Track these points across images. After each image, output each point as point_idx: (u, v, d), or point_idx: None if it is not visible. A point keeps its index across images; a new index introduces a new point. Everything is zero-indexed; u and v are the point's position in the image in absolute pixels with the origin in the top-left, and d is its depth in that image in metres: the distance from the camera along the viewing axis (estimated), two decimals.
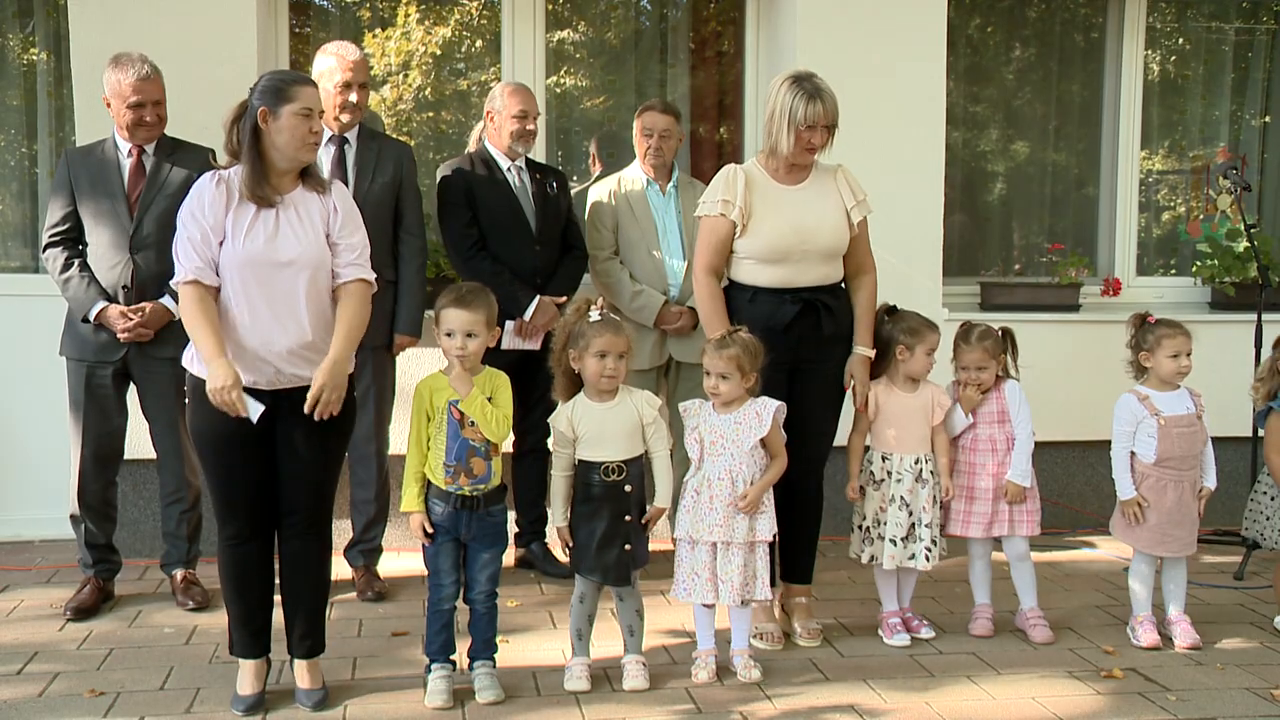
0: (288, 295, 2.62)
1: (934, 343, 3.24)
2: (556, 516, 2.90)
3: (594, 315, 2.81)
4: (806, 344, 3.19)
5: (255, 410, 2.59)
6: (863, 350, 3.23)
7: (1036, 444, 3.34)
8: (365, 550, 3.74)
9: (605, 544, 2.83)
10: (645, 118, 3.86)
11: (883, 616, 3.33)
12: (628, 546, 2.85)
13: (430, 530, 2.74)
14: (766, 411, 2.98)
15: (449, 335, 2.72)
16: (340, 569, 3.60)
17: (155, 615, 3.44)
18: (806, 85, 3.03)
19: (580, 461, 2.88)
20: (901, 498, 3.24)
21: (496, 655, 2.91)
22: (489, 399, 2.76)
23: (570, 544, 2.90)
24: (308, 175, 2.69)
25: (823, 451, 3.31)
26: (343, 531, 3.88)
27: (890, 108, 4.30)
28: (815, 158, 3.19)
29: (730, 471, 2.92)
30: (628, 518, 2.84)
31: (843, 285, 3.30)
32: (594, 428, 2.86)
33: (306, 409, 2.61)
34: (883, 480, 3.26)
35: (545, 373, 3.69)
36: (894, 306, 3.28)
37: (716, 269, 3.18)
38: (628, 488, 2.85)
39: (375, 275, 2.76)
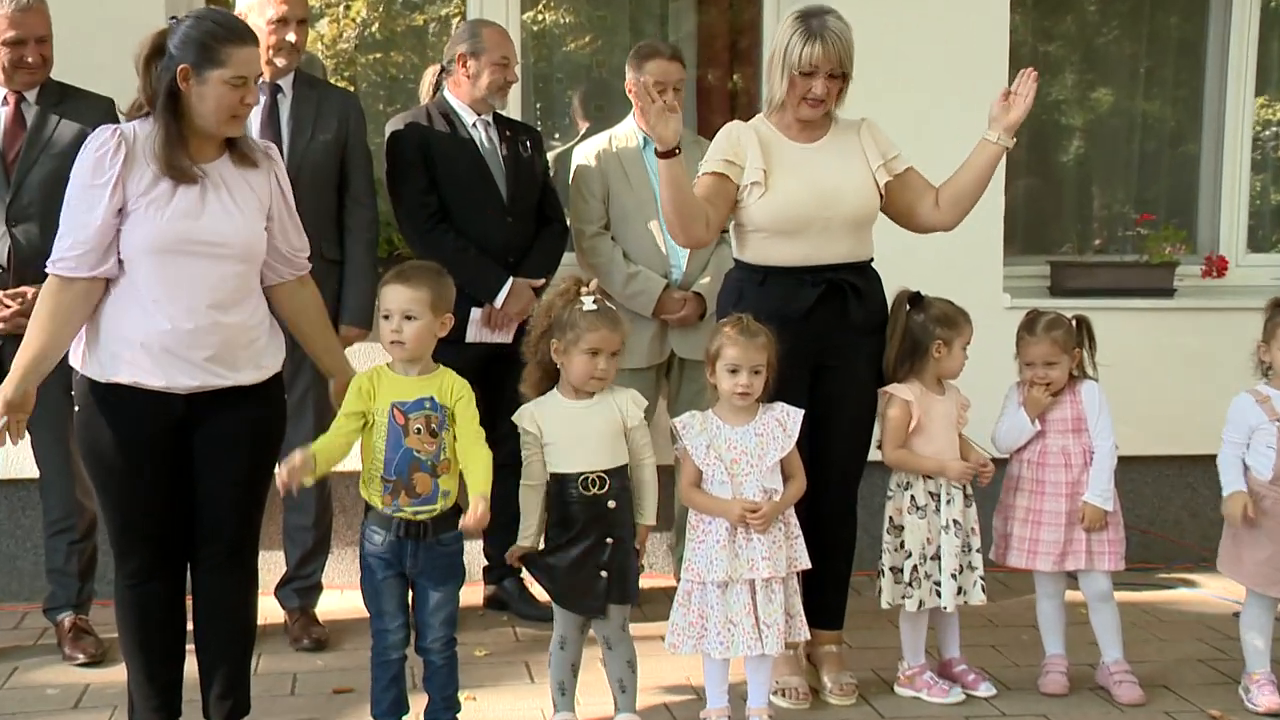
0: (213, 287, 2.61)
1: (969, 336, 3.27)
2: (525, 533, 2.91)
3: (588, 303, 2.82)
4: (832, 335, 3.19)
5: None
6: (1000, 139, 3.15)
7: (1121, 458, 3.35)
8: (301, 589, 3.74)
9: (577, 567, 2.85)
10: (653, 66, 3.85)
11: (912, 673, 3.33)
12: (604, 573, 2.85)
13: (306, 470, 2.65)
14: (792, 422, 3.00)
15: (385, 317, 2.75)
16: (270, 611, 3.63)
17: (36, 673, 3.42)
18: (811, 22, 3.04)
19: (553, 475, 2.88)
20: (955, 521, 3.25)
21: (460, 715, 2.91)
22: (439, 409, 2.76)
23: (535, 568, 2.91)
24: (236, 145, 2.69)
25: (855, 468, 3.32)
26: (273, 566, 3.90)
27: (940, 49, 4.29)
28: (835, 112, 3.21)
29: (767, 492, 2.96)
30: (610, 540, 2.84)
31: (873, 264, 3.31)
32: (566, 430, 2.86)
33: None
34: (926, 505, 3.27)
35: (520, 371, 3.71)
36: (918, 293, 3.27)
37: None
38: (612, 503, 2.85)
39: (317, 261, 2.84)
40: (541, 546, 2.92)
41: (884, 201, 3.26)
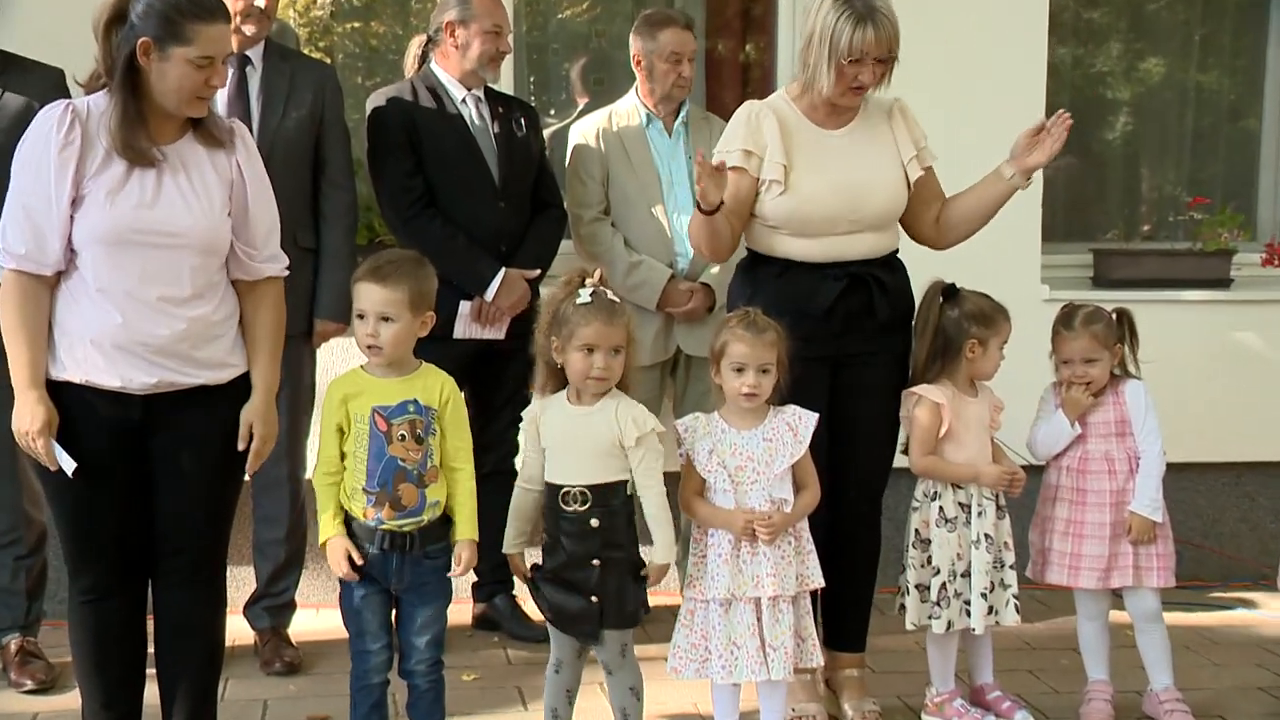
0: (170, 279, 2.61)
1: (1008, 334, 3.26)
2: (507, 538, 2.92)
3: (583, 295, 2.83)
4: (854, 332, 3.20)
5: (67, 465, 2.61)
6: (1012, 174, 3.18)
7: (1170, 465, 3.34)
8: (273, 607, 3.74)
9: (566, 589, 2.86)
10: (668, 37, 3.86)
11: (941, 699, 3.32)
12: (593, 598, 2.84)
13: (360, 561, 2.74)
14: (804, 426, 2.99)
15: (360, 318, 2.75)
16: (239, 632, 3.63)
17: None
18: (857, 3, 3.01)
19: (546, 484, 2.90)
20: (986, 535, 3.24)
21: None
22: (424, 412, 2.75)
23: (529, 577, 2.92)
24: (202, 123, 2.67)
25: (878, 476, 3.32)
26: (243, 582, 3.90)
27: (973, 18, 4.28)
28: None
29: (775, 502, 2.96)
30: (596, 562, 2.84)
31: (898, 256, 3.31)
32: (561, 437, 2.87)
33: (249, 471, 2.71)
34: (956, 517, 3.26)
35: (513, 370, 3.71)
36: (953, 285, 3.26)
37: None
38: (594, 522, 2.83)
39: (291, 249, 2.82)
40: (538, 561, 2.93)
41: None
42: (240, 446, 2.71)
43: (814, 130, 3.18)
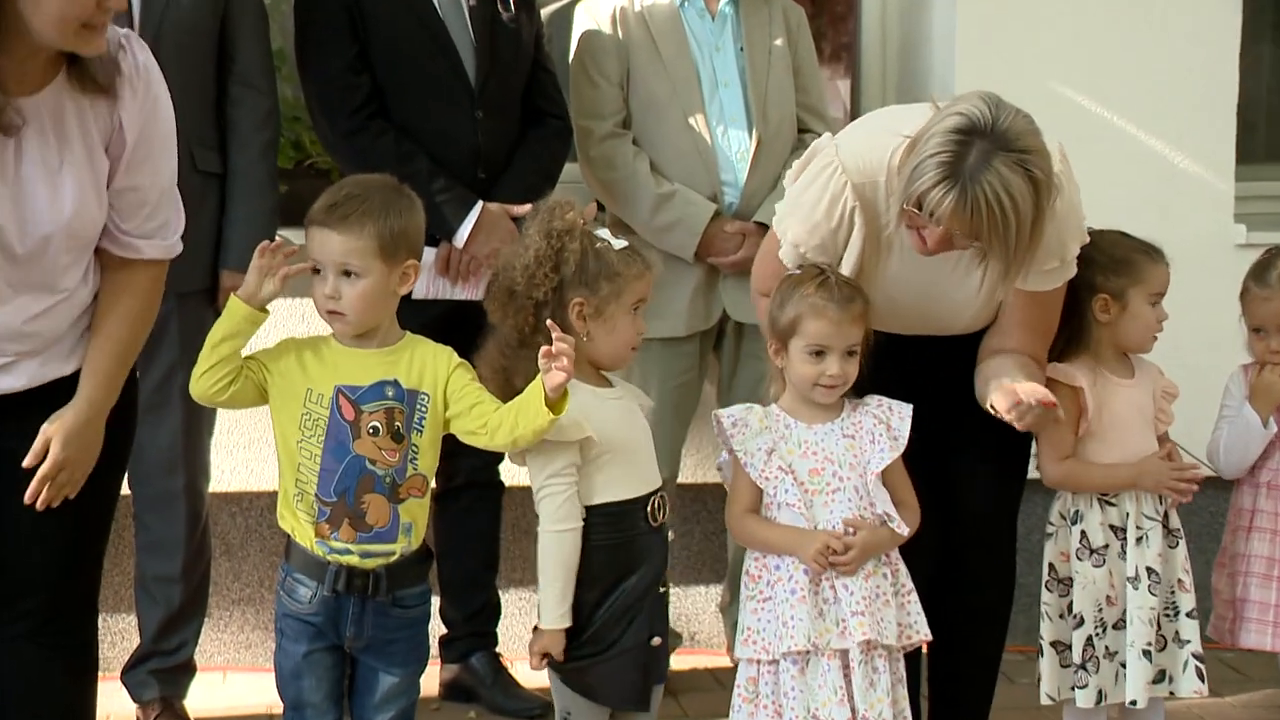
0: (25, 270, 2.62)
1: (1161, 284, 3.26)
2: (548, 610, 2.87)
3: (605, 235, 2.89)
4: None
5: None
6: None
7: None
8: (164, 670, 3.72)
9: (634, 633, 2.89)
10: None
11: None
12: (655, 639, 2.89)
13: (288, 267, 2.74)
14: (898, 418, 3.03)
15: (316, 273, 2.79)
16: (116, 707, 3.61)
17: None
18: (965, 161, 2.83)
19: (597, 507, 2.86)
20: (1150, 570, 3.22)
21: None
22: (406, 399, 2.78)
23: (572, 664, 2.89)
24: (78, 65, 2.61)
25: (1006, 490, 3.34)
26: (121, 636, 3.90)
27: None
28: None
29: (876, 518, 2.99)
30: (664, 588, 2.96)
31: None
32: (622, 433, 2.90)
33: (28, 499, 2.65)
34: (1106, 546, 3.23)
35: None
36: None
37: None
38: (671, 534, 2.96)
39: (189, 176, 2.89)
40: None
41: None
42: (26, 463, 2.65)
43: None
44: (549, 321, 2.73)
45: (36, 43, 2.51)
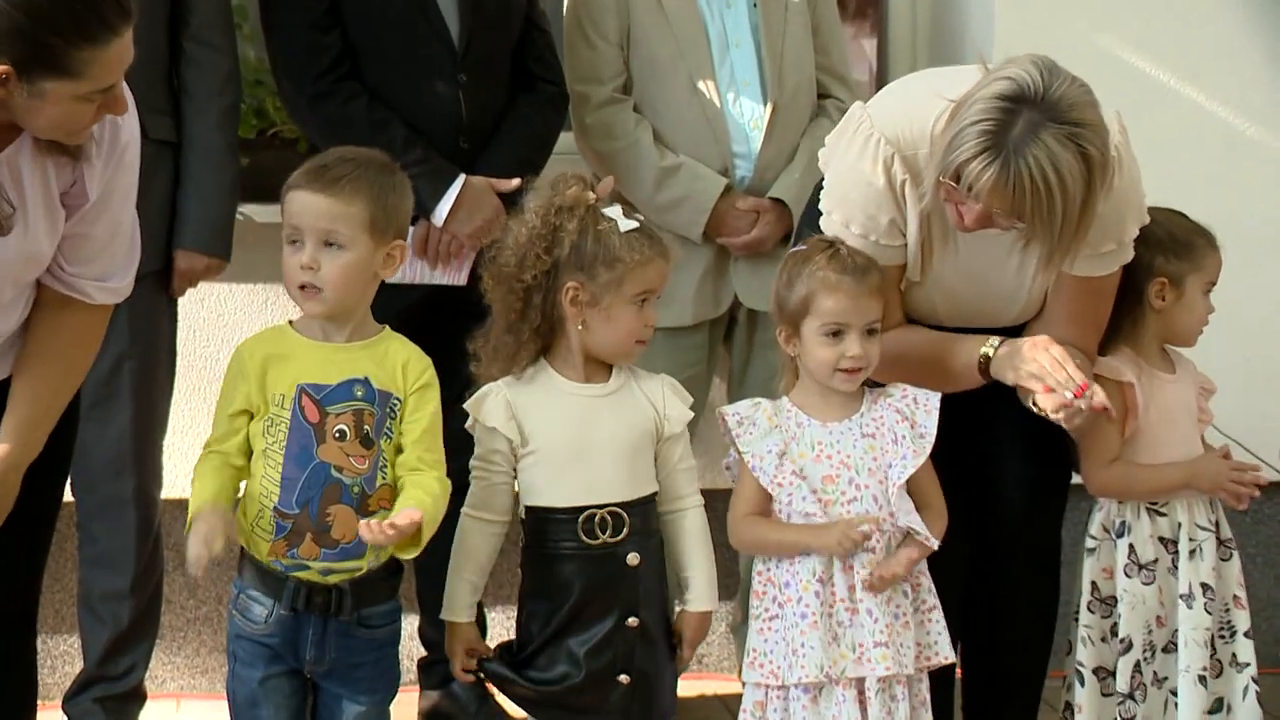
0: None
1: (1216, 271, 3.29)
2: (446, 599, 2.98)
3: (615, 214, 2.91)
4: None
5: None
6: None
7: None
8: (110, 697, 3.72)
9: (578, 666, 2.90)
10: None
11: None
12: (623, 676, 2.89)
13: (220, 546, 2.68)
14: (923, 411, 3.04)
15: (292, 243, 2.79)
16: None
17: None
18: (1010, 131, 2.85)
19: (532, 510, 2.92)
20: (1205, 586, 3.23)
21: None
22: (377, 400, 2.80)
23: (502, 675, 2.95)
24: None
25: (1047, 495, 3.37)
26: (63, 659, 3.99)
27: None
28: None
29: (899, 529, 3.02)
30: (633, 621, 2.90)
31: None
32: (565, 433, 2.92)
33: None
34: (1156, 561, 3.25)
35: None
36: None
37: None
38: (633, 558, 2.90)
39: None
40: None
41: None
42: None
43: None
44: (362, 522, 2.69)
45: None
